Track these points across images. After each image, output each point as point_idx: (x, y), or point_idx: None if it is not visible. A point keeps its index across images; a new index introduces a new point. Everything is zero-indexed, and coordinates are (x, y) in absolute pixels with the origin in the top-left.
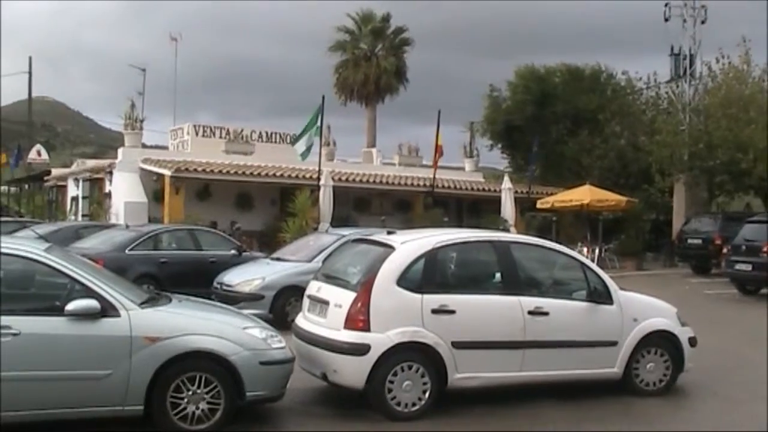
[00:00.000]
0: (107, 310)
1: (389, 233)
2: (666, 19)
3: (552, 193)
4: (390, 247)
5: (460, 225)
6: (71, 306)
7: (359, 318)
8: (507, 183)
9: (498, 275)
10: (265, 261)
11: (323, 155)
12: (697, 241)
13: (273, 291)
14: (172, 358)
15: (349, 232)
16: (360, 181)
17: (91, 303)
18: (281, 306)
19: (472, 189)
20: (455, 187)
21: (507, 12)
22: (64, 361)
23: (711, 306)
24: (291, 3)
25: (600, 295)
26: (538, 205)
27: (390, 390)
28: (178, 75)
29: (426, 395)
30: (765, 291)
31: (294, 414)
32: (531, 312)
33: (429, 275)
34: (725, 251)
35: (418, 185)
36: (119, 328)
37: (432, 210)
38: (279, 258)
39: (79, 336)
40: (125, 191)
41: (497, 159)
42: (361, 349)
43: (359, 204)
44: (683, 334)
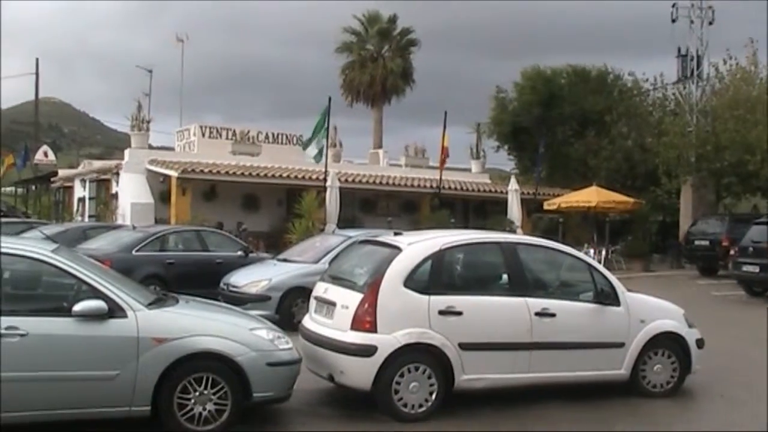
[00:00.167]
0: (114, 311)
1: (396, 234)
2: (673, 20)
3: (558, 195)
4: (397, 249)
5: (466, 226)
6: (79, 307)
7: (366, 319)
8: (513, 184)
9: (505, 276)
10: (272, 262)
11: (330, 156)
12: (705, 243)
13: (279, 292)
14: (179, 359)
15: (356, 233)
16: (366, 183)
17: (99, 304)
18: (288, 307)
19: (478, 190)
20: (462, 189)
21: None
22: (71, 362)
23: (718, 307)
24: (298, 4)
25: (607, 297)
26: (544, 207)
27: (397, 391)
28: (184, 76)
29: (433, 396)
30: None
31: (301, 415)
32: (538, 313)
33: (436, 276)
34: (732, 253)
35: (424, 186)
36: (126, 329)
37: (438, 211)
38: (286, 259)
39: (87, 337)
40: (132, 192)
41: (504, 160)
42: (368, 351)
43: (365, 205)
44: (691, 335)
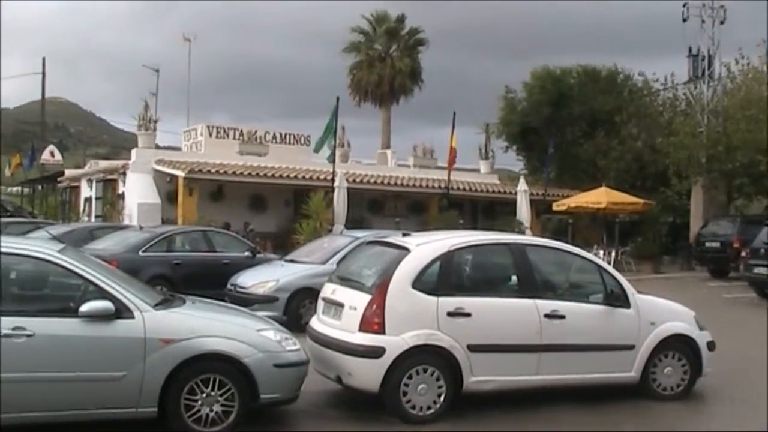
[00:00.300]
0: (121, 311)
1: (404, 235)
2: (684, 20)
3: (568, 195)
4: (405, 250)
5: (475, 227)
6: (85, 307)
7: (374, 320)
8: (522, 185)
9: (514, 278)
10: (279, 263)
11: (337, 157)
12: (715, 245)
13: (287, 293)
14: (186, 360)
15: (364, 234)
16: (374, 183)
17: (106, 304)
18: (295, 308)
19: (487, 191)
20: (470, 189)
21: (522, 13)
22: (77, 363)
23: (729, 310)
24: (305, 4)
25: (617, 299)
26: (553, 208)
27: (405, 393)
28: (191, 76)
29: (441, 398)
30: None
31: (308, 416)
32: (547, 315)
33: (444, 278)
34: (744, 254)
35: (432, 187)
36: (133, 329)
37: (447, 212)
38: (293, 260)
39: (93, 337)
40: (139, 192)
41: (513, 161)
42: (376, 352)
43: (373, 206)
44: (701, 338)
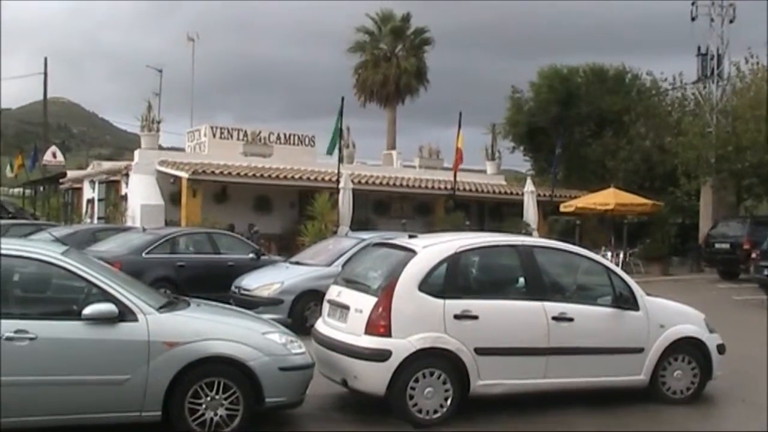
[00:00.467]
0: (125, 314)
1: (411, 237)
2: (693, 18)
3: (575, 196)
4: (412, 252)
5: (481, 229)
6: (88, 310)
7: (380, 323)
8: (529, 186)
9: (521, 280)
10: (284, 265)
11: (343, 157)
12: (725, 246)
13: (292, 295)
14: (190, 363)
15: (370, 235)
16: (380, 184)
17: (109, 307)
18: (300, 311)
19: (493, 192)
20: (477, 190)
21: (529, 12)
22: (81, 366)
23: (739, 312)
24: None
25: (625, 301)
26: (561, 209)
27: (411, 397)
28: (195, 76)
29: (448, 402)
30: None
31: (314, 420)
32: (555, 318)
33: (451, 280)
34: (754, 256)
35: (439, 188)
36: (137, 332)
37: (453, 213)
38: (298, 262)
39: (97, 340)
40: (142, 193)
41: (519, 161)
42: (382, 355)
43: (379, 207)
44: (711, 340)
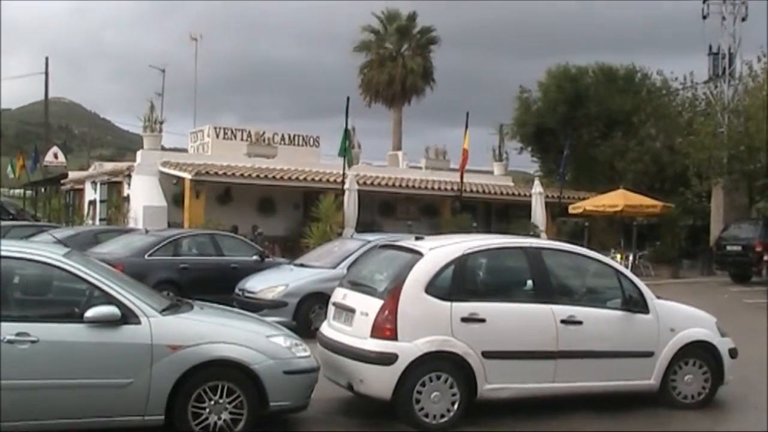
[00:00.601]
0: (128, 317)
1: (417, 239)
2: (704, 17)
3: (584, 198)
4: (418, 254)
5: (489, 231)
6: (91, 313)
7: (386, 326)
8: (537, 187)
9: (529, 283)
10: (289, 267)
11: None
12: (737, 248)
13: (297, 298)
14: (194, 366)
15: (375, 237)
16: (386, 185)
17: (111, 310)
18: (305, 313)
19: (501, 193)
20: (484, 192)
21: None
22: (83, 370)
23: (751, 316)
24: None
25: (635, 304)
26: (569, 210)
27: (418, 401)
28: (198, 76)
29: (455, 406)
30: None
31: (319, 424)
32: (564, 321)
33: (458, 282)
34: (766, 258)
35: (445, 189)
36: (140, 335)
37: (460, 215)
38: (303, 264)
39: (99, 343)
40: (144, 195)
41: (527, 162)
42: (388, 359)
43: (385, 209)
44: (723, 344)
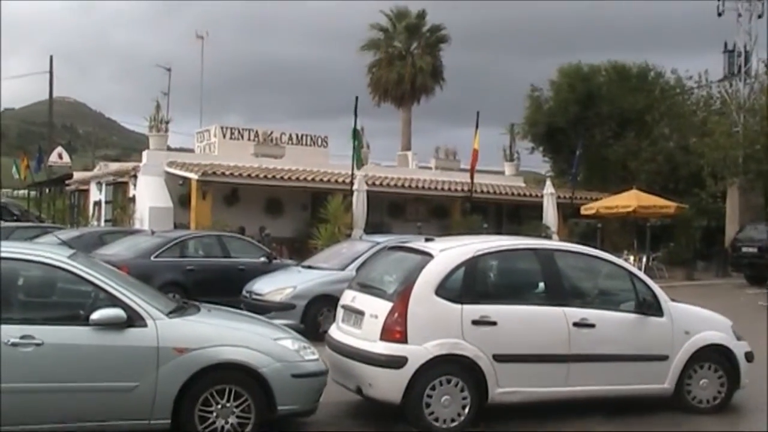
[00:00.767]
0: (134, 319)
1: (427, 240)
2: (719, 14)
3: (596, 199)
4: (428, 255)
5: (499, 232)
6: (96, 315)
7: (396, 329)
8: (549, 188)
9: (541, 285)
10: (296, 269)
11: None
12: (753, 250)
13: (305, 300)
14: (200, 370)
15: (385, 239)
16: (395, 186)
17: (117, 312)
18: (313, 316)
19: (512, 194)
20: (495, 192)
21: (548, 8)
22: (88, 373)
23: None
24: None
25: (649, 307)
26: (581, 211)
27: (428, 405)
28: (204, 75)
29: (466, 410)
30: None
31: (327, 428)
32: (576, 324)
33: (469, 285)
34: None
35: (455, 190)
36: (146, 338)
37: (470, 216)
38: (311, 266)
39: (104, 346)
40: (150, 196)
41: (538, 163)
42: (398, 362)
43: (394, 210)
44: (739, 348)
